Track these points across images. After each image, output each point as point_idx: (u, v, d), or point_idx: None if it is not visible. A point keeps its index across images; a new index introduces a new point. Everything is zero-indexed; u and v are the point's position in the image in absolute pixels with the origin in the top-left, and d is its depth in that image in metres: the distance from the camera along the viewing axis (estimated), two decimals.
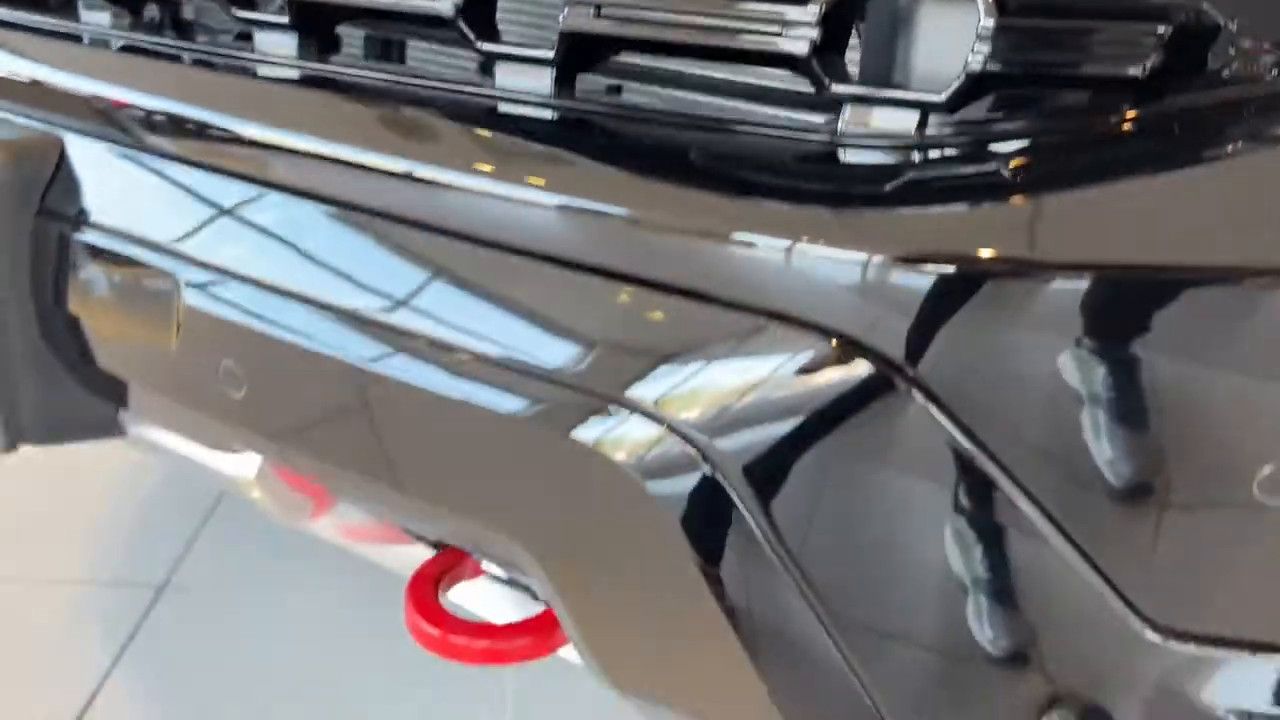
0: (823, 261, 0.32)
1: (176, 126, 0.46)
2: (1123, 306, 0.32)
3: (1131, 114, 0.34)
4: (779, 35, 0.35)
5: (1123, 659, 0.34)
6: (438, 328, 0.39)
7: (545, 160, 0.39)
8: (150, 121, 0.48)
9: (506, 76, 0.41)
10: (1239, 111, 0.34)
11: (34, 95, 0.52)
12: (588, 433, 0.36)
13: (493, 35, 0.41)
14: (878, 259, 0.32)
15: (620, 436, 0.36)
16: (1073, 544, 0.33)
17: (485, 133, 0.41)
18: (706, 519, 0.35)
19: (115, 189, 0.49)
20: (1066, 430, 0.32)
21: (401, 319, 0.39)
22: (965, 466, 0.33)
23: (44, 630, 1.12)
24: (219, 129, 0.45)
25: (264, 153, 0.43)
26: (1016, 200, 0.33)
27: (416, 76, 0.46)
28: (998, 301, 0.32)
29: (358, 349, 0.40)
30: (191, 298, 0.45)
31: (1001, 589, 0.34)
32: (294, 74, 0.46)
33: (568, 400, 0.36)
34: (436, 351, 0.39)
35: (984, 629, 0.34)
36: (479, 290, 0.39)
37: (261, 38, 0.47)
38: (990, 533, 0.33)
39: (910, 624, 0.36)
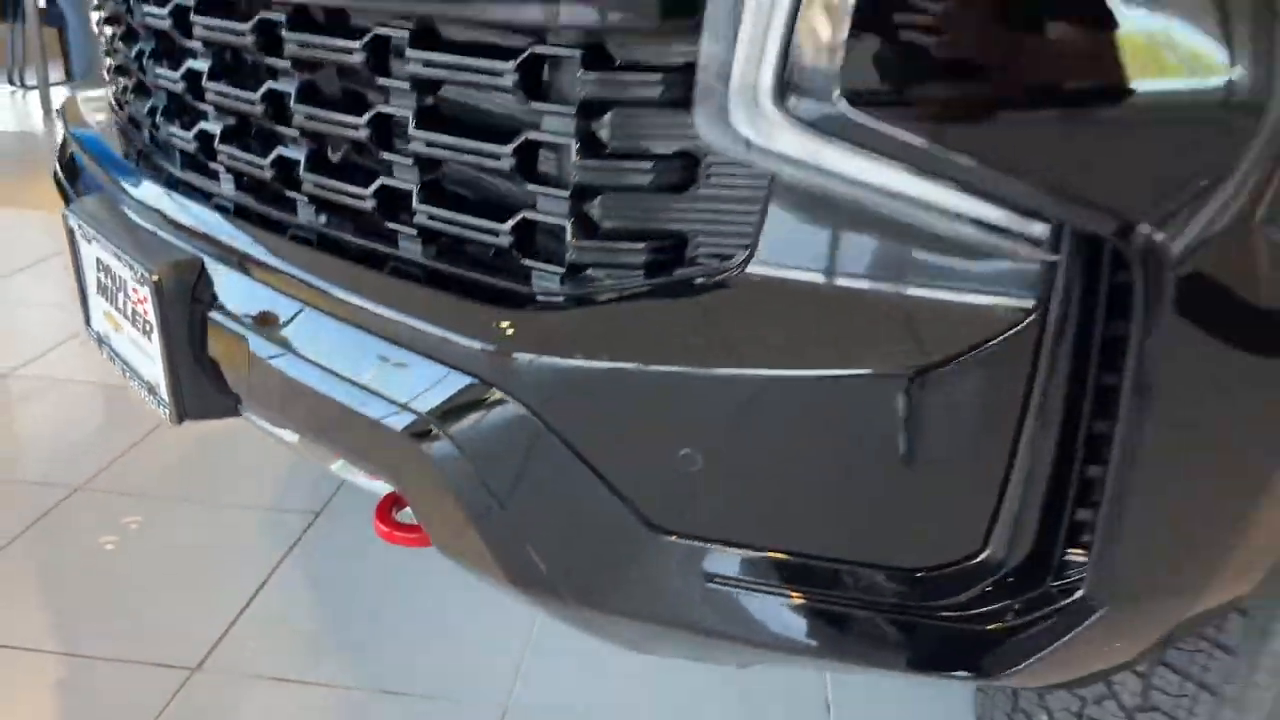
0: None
1: (247, 259, 0.91)
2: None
3: None
4: None
5: (634, 547, 0.72)
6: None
7: None
8: (236, 252, 0.92)
9: None
10: None
11: (187, 233, 0.98)
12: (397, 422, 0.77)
13: None
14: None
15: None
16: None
17: None
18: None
19: (227, 290, 0.94)
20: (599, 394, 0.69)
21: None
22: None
23: (212, 547, 1.65)
24: (263, 264, 0.89)
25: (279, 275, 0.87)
26: None
27: None
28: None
29: (313, 378, 0.83)
30: (257, 348, 0.89)
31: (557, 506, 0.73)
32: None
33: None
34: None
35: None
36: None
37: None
38: (540, 471, 0.72)
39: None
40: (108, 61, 1.33)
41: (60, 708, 1.31)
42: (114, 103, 1.35)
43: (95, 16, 1.33)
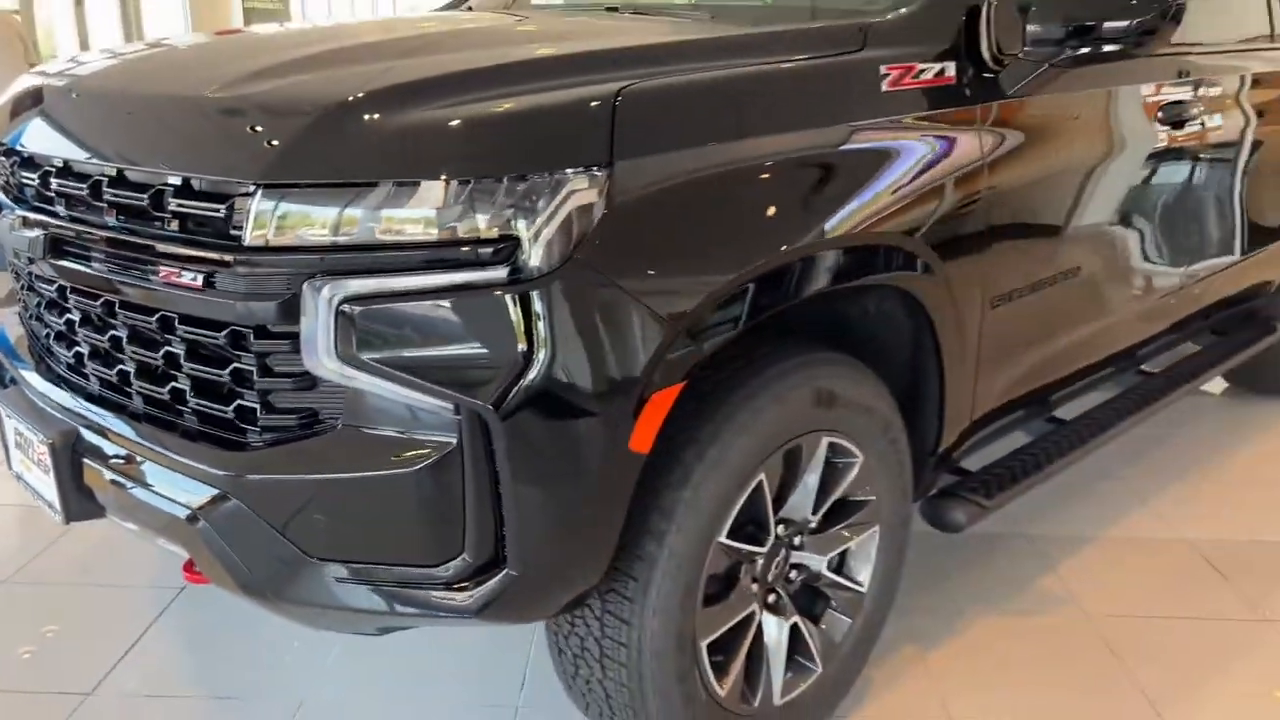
0: None
1: (103, 428, 1.62)
2: None
3: None
4: None
5: (302, 567, 1.43)
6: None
7: None
8: (95, 424, 1.63)
9: None
10: None
11: (66, 411, 1.69)
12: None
13: None
14: None
15: None
16: None
17: None
18: None
19: (91, 445, 1.64)
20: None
21: None
22: None
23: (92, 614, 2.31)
24: (111, 430, 1.60)
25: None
26: None
27: None
28: None
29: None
30: (109, 478, 1.60)
31: None
32: None
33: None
34: None
35: None
36: None
37: None
38: (251, 534, 1.44)
39: None
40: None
41: None
42: (20, 309, 2.04)
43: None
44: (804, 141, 1.60)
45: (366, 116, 1.35)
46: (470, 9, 2.77)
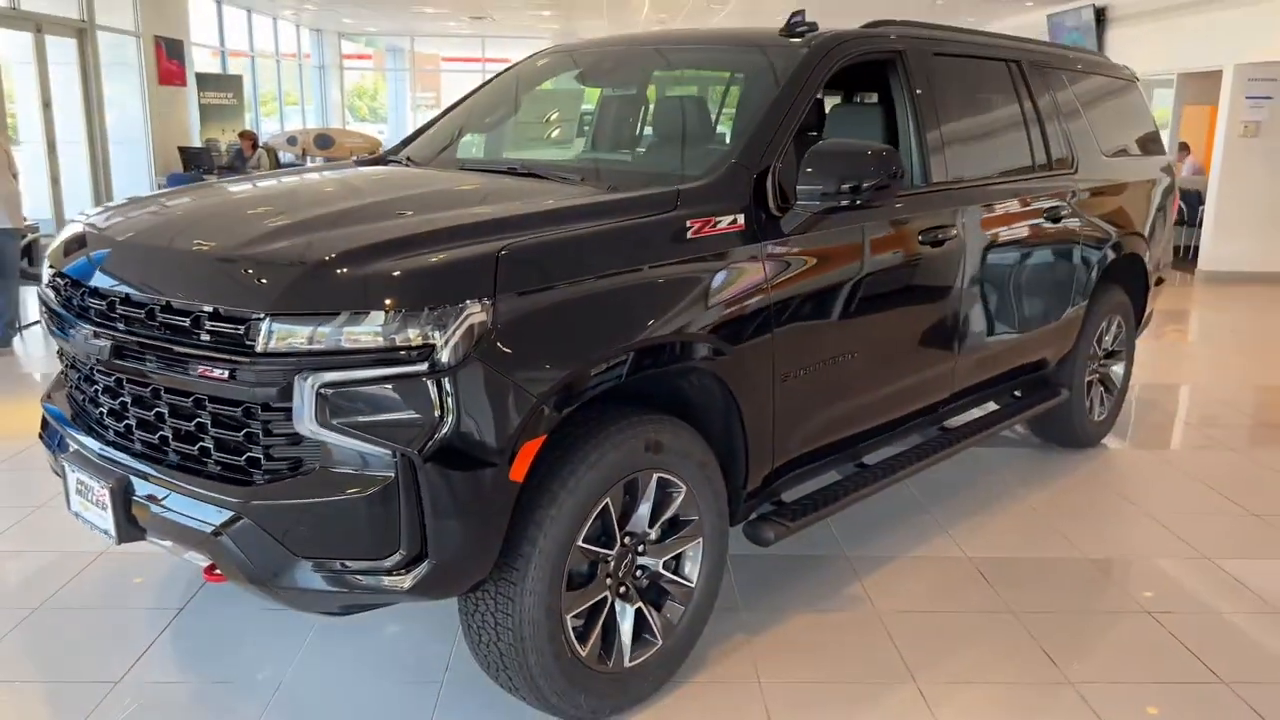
0: None
1: (144, 473, 2.34)
2: None
3: None
4: None
5: (289, 562, 2.16)
6: None
7: None
8: (139, 471, 2.36)
9: None
10: None
11: (116, 464, 2.41)
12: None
13: None
14: None
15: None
16: None
17: None
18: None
19: (138, 486, 2.36)
20: None
21: None
22: None
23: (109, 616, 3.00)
24: (150, 474, 2.33)
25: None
26: None
27: None
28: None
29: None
30: (151, 509, 2.32)
31: None
32: None
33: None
34: None
35: None
36: None
37: None
38: (260, 545, 2.16)
39: None
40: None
41: None
42: (64, 379, 2.75)
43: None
44: (630, 277, 2.41)
45: (336, 270, 2.13)
46: (409, 160, 3.58)
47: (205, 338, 2.19)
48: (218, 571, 2.30)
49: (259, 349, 2.12)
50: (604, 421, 2.44)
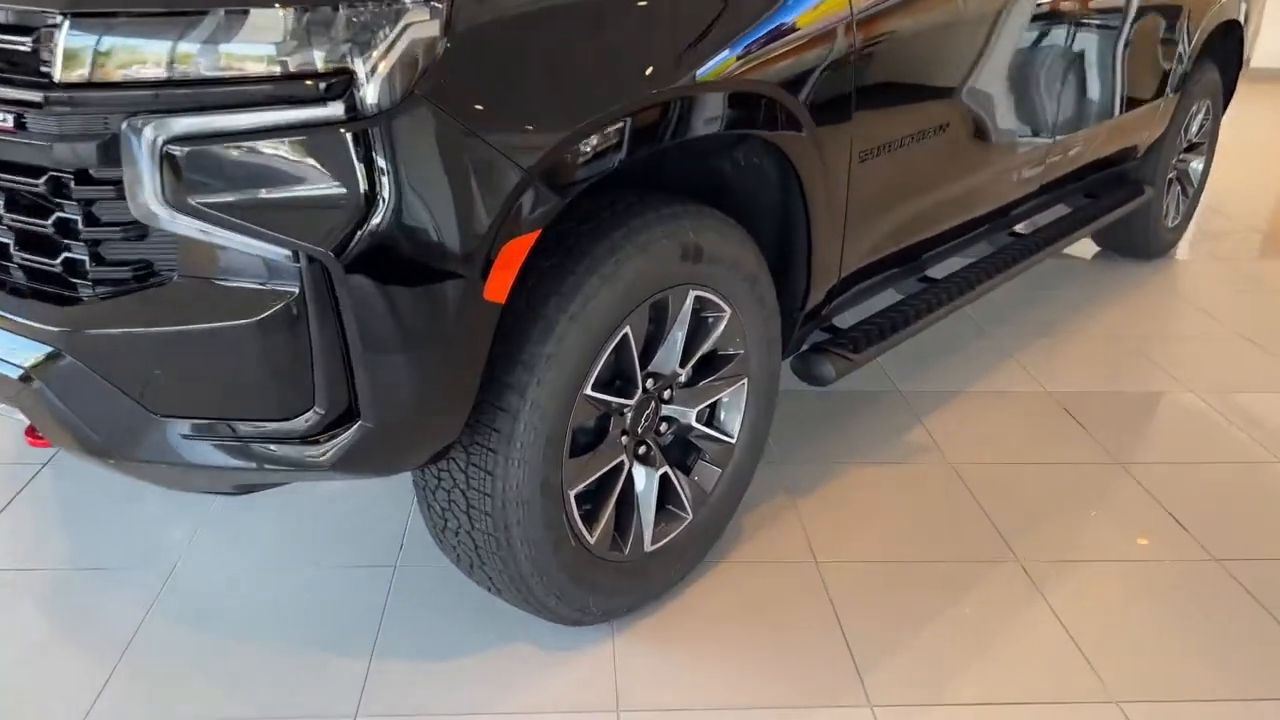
0: None
1: None
2: None
3: None
4: None
5: (145, 423, 1.38)
6: None
7: None
8: None
9: None
10: None
11: None
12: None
13: None
14: None
15: None
16: None
17: None
18: None
19: None
20: None
21: None
22: None
23: None
24: None
25: None
26: None
27: None
28: None
29: None
30: None
31: None
32: None
33: None
34: None
35: None
36: None
37: None
38: (87, 391, 1.38)
39: None
40: None
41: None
42: None
43: None
44: None
45: None
46: None
47: None
48: (40, 434, 1.52)
49: (57, 77, 1.26)
50: (622, 215, 1.63)
